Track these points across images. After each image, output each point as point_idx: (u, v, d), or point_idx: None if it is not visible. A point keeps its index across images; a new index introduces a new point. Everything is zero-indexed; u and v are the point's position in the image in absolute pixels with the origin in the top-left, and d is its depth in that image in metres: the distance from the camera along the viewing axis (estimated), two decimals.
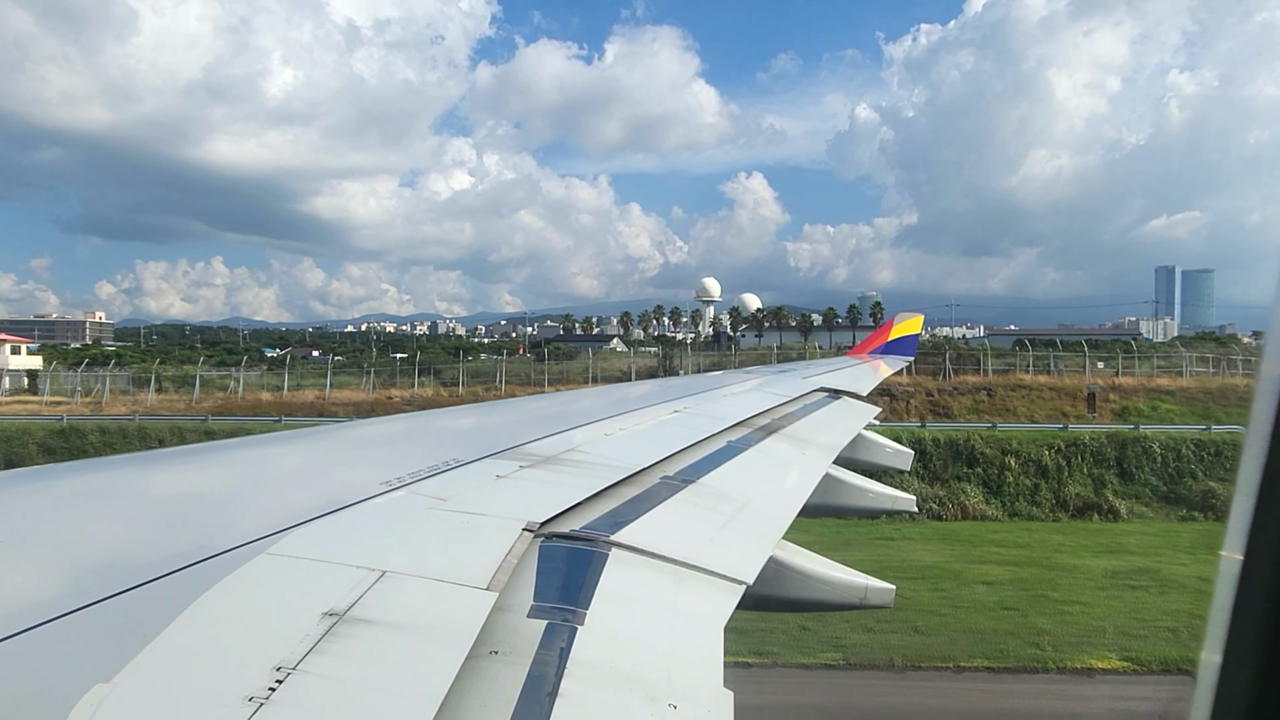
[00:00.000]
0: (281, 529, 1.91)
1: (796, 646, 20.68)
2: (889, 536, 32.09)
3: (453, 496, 2.40)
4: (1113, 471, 36.63)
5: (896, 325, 16.55)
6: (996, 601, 23.76)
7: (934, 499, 36.05)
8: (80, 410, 49.37)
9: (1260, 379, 1.07)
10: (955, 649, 20.48)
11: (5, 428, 42.07)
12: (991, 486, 36.78)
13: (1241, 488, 1.08)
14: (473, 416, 5.25)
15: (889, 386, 48.48)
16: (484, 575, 1.81)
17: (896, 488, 5.49)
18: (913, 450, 24.55)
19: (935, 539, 32.06)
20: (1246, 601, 1.07)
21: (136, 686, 1.21)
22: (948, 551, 29.87)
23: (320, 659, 1.36)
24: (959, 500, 35.89)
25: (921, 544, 31.04)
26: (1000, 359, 55.40)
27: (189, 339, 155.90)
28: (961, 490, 36.28)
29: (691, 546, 2.42)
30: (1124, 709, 18.08)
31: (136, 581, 1.55)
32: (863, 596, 3.36)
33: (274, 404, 49.77)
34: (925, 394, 48.46)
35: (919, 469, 36.78)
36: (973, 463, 37.37)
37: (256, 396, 52.55)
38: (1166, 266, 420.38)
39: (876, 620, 21.79)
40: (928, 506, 35.70)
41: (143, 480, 2.60)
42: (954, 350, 56.39)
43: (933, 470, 37.15)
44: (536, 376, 54.76)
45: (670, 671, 1.71)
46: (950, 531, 33.47)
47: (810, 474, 4.14)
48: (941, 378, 50.84)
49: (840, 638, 21.18)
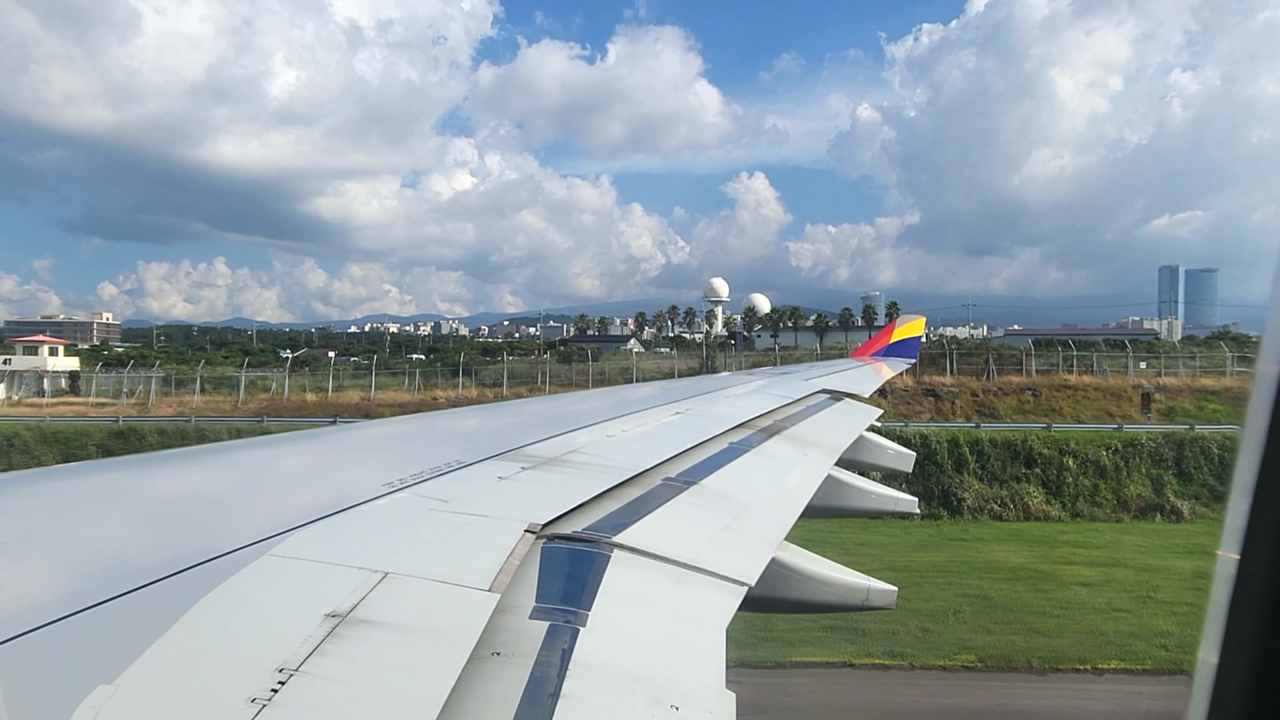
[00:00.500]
0: (284, 530, 1.92)
1: (927, 648, 20.87)
2: (960, 538, 32.45)
3: (455, 498, 2.41)
4: (1171, 472, 36.77)
5: (898, 327, 16.59)
6: (1104, 603, 23.92)
7: (995, 500, 36.36)
8: (127, 412, 49.71)
9: (1256, 378, 1.07)
10: (1085, 651, 20.58)
11: (63, 430, 42.38)
12: (1051, 487, 36.99)
13: (1238, 487, 1.08)
14: (475, 418, 5.25)
15: (934, 387, 49.04)
16: (486, 577, 1.81)
17: (898, 489, 5.49)
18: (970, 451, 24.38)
19: (1008, 539, 32.25)
20: (1243, 600, 1.07)
21: (139, 688, 1.22)
22: (1028, 552, 30.00)
23: (322, 660, 1.36)
24: (1021, 501, 36.15)
25: (996, 545, 31.25)
26: (1037, 359, 55.31)
27: (196, 340, 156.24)
28: (1023, 491, 36.49)
29: (693, 548, 2.42)
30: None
31: (139, 583, 1.55)
32: (865, 598, 3.36)
33: (319, 405, 49.93)
34: (970, 394, 48.65)
35: (978, 470, 37.35)
36: (1031, 463, 37.56)
37: (301, 398, 52.77)
38: (1170, 266, 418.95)
39: (994, 622, 22.31)
40: (989, 507, 36.08)
41: (146, 482, 2.60)
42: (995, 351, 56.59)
43: (990, 470, 37.41)
44: (578, 378, 54.67)
45: (672, 673, 1.71)
46: (1019, 532, 33.68)
47: (812, 475, 4.13)
48: (986, 378, 50.93)
49: (965, 639, 21.40)
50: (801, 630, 21.43)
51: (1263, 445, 1.04)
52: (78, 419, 46.56)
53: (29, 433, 41.91)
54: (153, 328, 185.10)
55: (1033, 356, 54.44)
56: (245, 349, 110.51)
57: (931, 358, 53.82)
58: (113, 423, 44.09)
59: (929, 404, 47.74)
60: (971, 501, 36.44)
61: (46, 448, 39.99)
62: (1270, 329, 1.06)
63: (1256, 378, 1.07)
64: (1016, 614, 22.89)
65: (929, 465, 37.42)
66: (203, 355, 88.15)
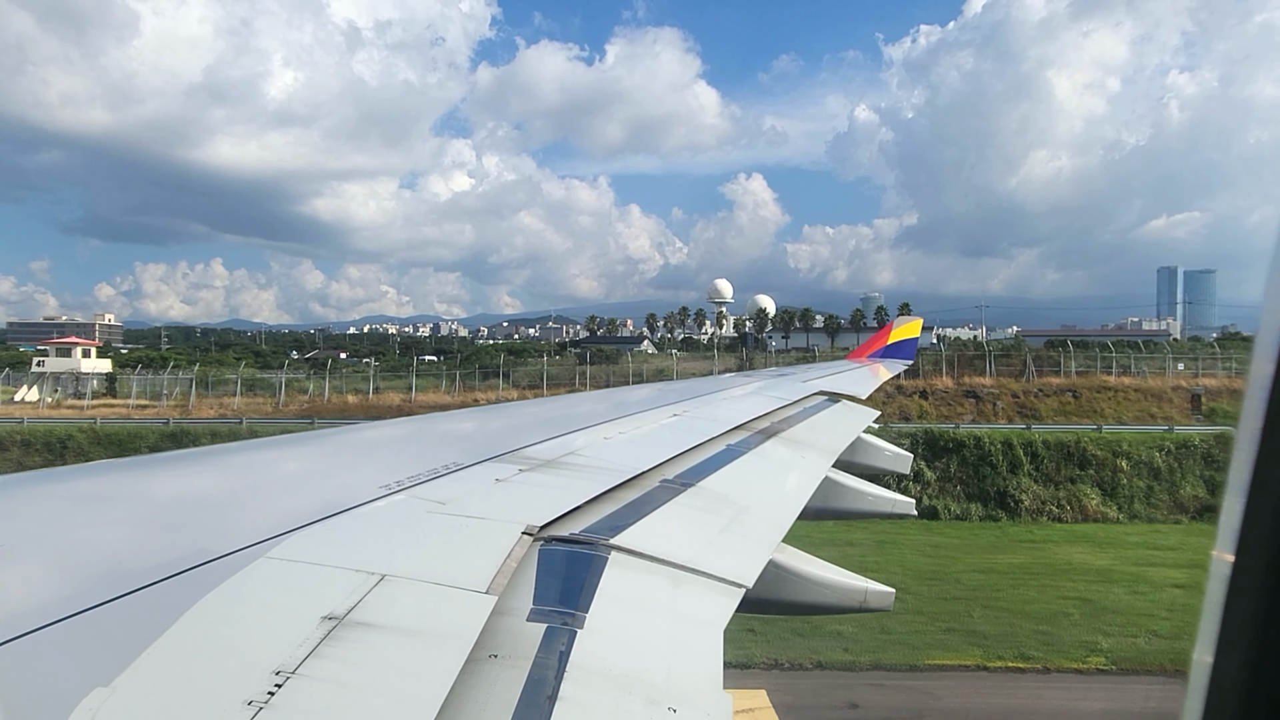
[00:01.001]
0: (281, 533, 1.91)
1: (1052, 650, 20.91)
2: (1028, 539, 32.61)
3: (452, 500, 2.40)
4: (1224, 473, 36.94)
5: (895, 329, 16.62)
6: None
7: (1053, 501, 36.51)
8: (169, 414, 49.87)
9: (1250, 380, 1.07)
10: None
11: (116, 432, 42.51)
12: (1106, 488, 37.16)
13: (1232, 488, 1.08)
14: (473, 420, 5.25)
15: (975, 389, 49.25)
16: (483, 579, 1.81)
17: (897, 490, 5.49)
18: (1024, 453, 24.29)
19: (1077, 541, 32.31)
20: (1238, 601, 1.08)
21: (136, 690, 1.22)
22: (1103, 554, 30.07)
23: (319, 663, 1.36)
24: (1078, 502, 36.30)
25: (1068, 547, 31.32)
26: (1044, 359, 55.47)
27: (200, 341, 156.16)
28: (1079, 492, 36.65)
29: (691, 550, 2.42)
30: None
31: (136, 585, 1.55)
32: (862, 600, 3.36)
33: (361, 407, 49.91)
34: (1011, 395, 48.73)
35: (1032, 470, 37.51)
36: (1084, 464, 37.72)
37: (343, 400, 52.88)
38: (1169, 267, 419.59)
39: (1108, 625, 22.33)
40: (1047, 509, 36.21)
41: (143, 484, 2.60)
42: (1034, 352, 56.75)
43: (1044, 472, 37.56)
44: (616, 380, 54.59)
45: (670, 674, 1.71)
46: (1085, 534, 33.76)
47: (810, 477, 4.13)
48: (1025, 379, 50.96)
49: (1092, 641, 21.46)
50: (920, 633, 21.65)
51: (1257, 445, 1.04)
52: (122, 420, 46.79)
53: (82, 435, 42.06)
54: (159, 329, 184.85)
55: (1072, 357, 54.51)
56: (255, 350, 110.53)
57: (969, 359, 54.11)
58: (163, 425, 44.42)
59: (970, 405, 47.90)
60: (1029, 503, 36.61)
61: (101, 450, 40.07)
62: (1264, 330, 1.06)
63: (1250, 378, 1.07)
64: (1126, 616, 22.96)
65: (983, 467, 37.78)
66: (208, 357, 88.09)
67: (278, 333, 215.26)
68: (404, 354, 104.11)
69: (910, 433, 39.61)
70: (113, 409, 52.68)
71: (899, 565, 28.27)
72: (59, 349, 68.09)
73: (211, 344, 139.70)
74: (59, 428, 43.63)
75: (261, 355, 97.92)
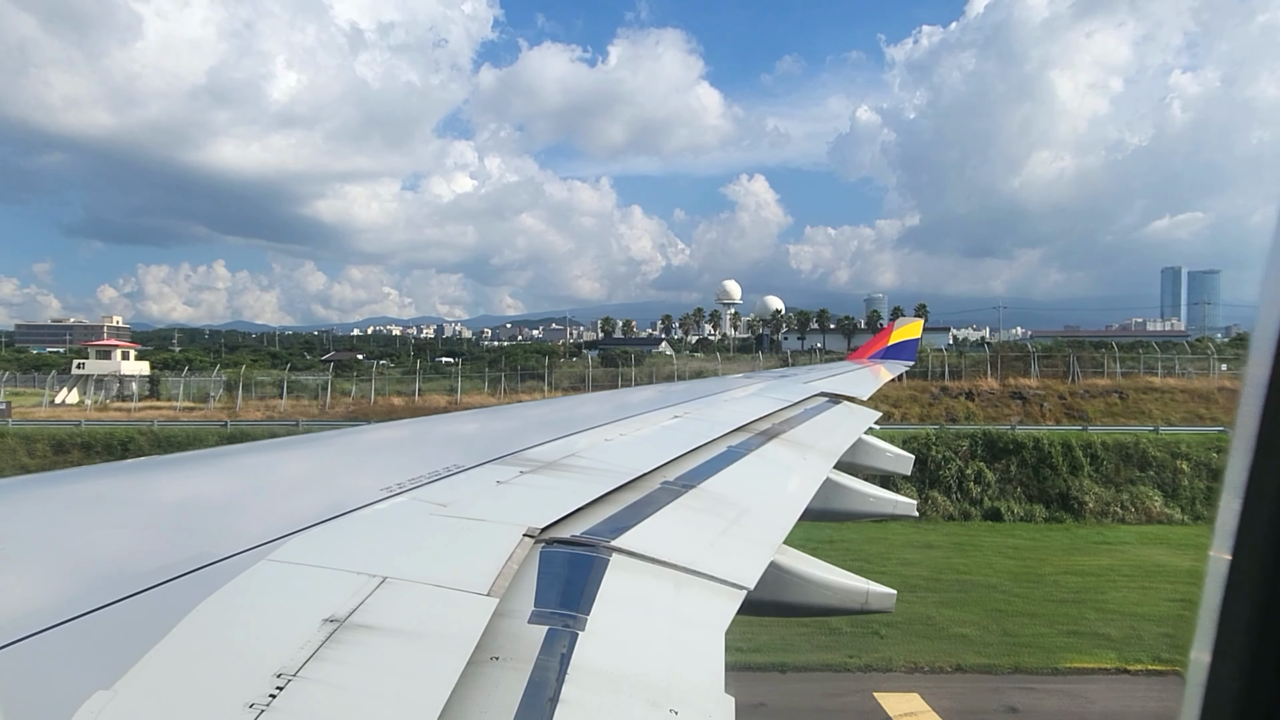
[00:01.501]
0: (283, 535, 1.92)
1: (1185, 653, 20.84)
2: (1102, 541, 32.60)
3: (453, 502, 2.41)
4: None
5: (896, 330, 16.63)
6: None
7: (1116, 503, 36.48)
8: (216, 416, 50.15)
9: (1245, 381, 1.07)
10: None
11: (175, 434, 42.74)
12: (1168, 490, 37.15)
13: (1229, 488, 1.09)
14: (474, 422, 5.25)
15: (1020, 390, 49.22)
16: (485, 581, 1.81)
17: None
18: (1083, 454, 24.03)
19: (1152, 543, 32.30)
20: (1235, 601, 1.08)
21: (137, 693, 1.22)
22: (1185, 556, 29.92)
23: (321, 665, 1.36)
24: (1142, 504, 36.30)
25: (1145, 548, 31.35)
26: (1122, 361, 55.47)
27: (208, 343, 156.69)
28: (1142, 494, 36.66)
29: (692, 552, 2.42)
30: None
31: (137, 588, 1.55)
32: (864, 601, 3.35)
33: (407, 409, 49.93)
34: (1057, 397, 48.64)
35: (1092, 472, 37.55)
36: (1144, 466, 37.71)
37: (389, 401, 53.16)
38: (1173, 268, 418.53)
39: None
40: (1112, 510, 36.23)
41: (144, 486, 2.60)
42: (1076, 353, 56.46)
43: (1104, 474, 37.60)
44: (660, 381, 54.42)
45: (671, 677, 1.71)
46: (1157, 535, 33.74)
47: (811, 479, 4.13)
48: (1071, 380, 50.94)
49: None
50: (1043, 635, 21.60)
51: (1253, 446, 1.04)
52: (180, 423, 47.13)
53: (142, 437, 42.25)
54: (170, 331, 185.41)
55: (1117, 359, 54.55)
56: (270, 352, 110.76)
57: (1010, 360, 54.05)
58: (220, 427, 44.80)
59: (1017, 407, 47.89)
60: (1093, 505, 36.59)
61: (162, 453, 40.12)
62: (1259, 331, 1.07)
63: (1246, 379, 1.07)
64: None
65: (1043, 469, 37.81)
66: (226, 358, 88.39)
67: (281, 334, 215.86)
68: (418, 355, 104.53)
69: (969, 434, 39.85)
70: (159, 411, 52.96)
71: (988, 568, 28.43)
72: (98, 351, 67.87)
73: (221, 345, 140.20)
74: (118, 430, 43.91)
75: (278, 357, 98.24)
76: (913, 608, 23.50)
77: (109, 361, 65.43)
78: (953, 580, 26.79)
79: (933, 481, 37.54)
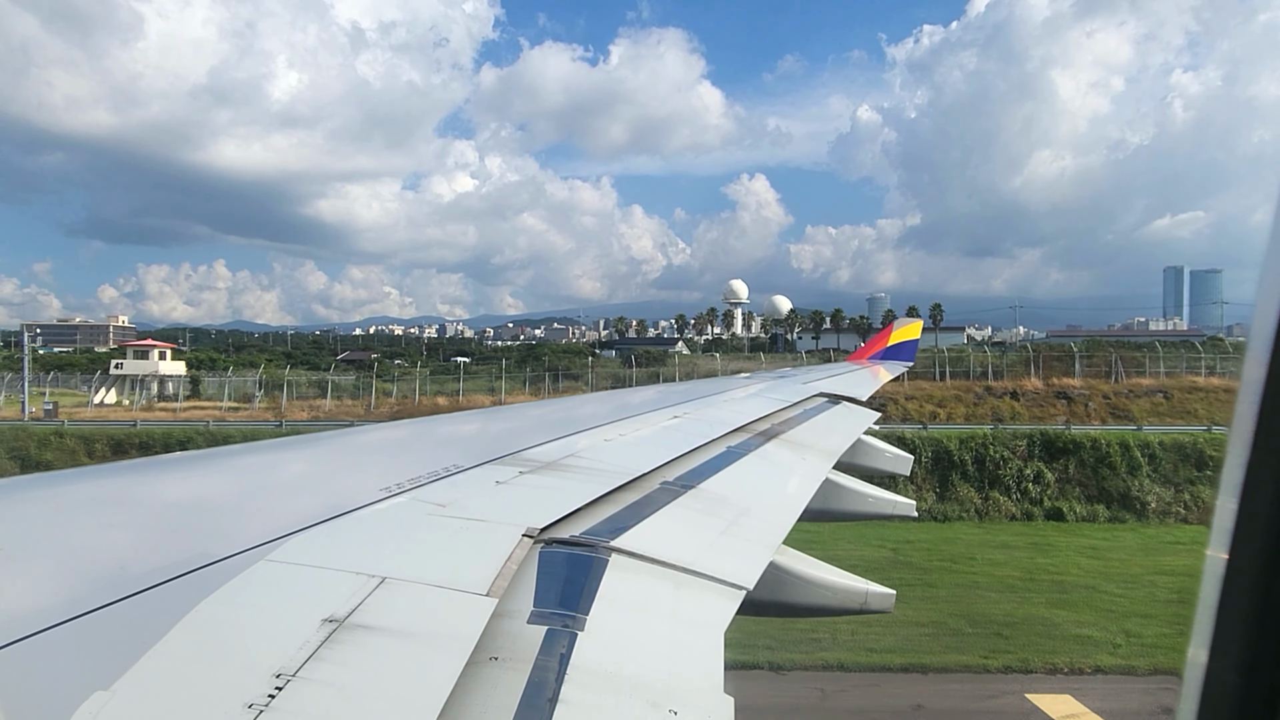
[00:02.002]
0: (282, 535, 1.91)
1: None
2: (1175, 540, 32.44)
3: (453, 502, 2.41)
4: None
5: (896, 331, 16.63)
6: None
7: (1178, 503, 36.44)
8: (262, 416, 50.48)
9: (1242, 381, 1.07)
10: None
11: (232, 434, 42.92)
12: None
13: (1226, 488, 1.09)
14: (473, 422, 5.25)
15: (1065, 390, 49.13)
16: (484, 581, 1.81)
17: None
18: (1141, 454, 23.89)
19: None
20: (1232, 600, 1.08)
21: (136, 694, 1.22)
22: None
23: (320, 666, 1.36)
24: (1203, 504, 36.17)
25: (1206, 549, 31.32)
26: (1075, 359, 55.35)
27: (217, 342, 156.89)
28: (1204, 494, 36.58)
29: (692, 552, 2.42)
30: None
31: (136, 588, 1.55)
32: (863, 601, 3.35)
33: (451, 407, 50.10)
34: (1102, 397, 48.55)
35: (1150, 472, 37.58)
36: (1201, 465, 37.66)
37: (433, 401, 53.60)
38: (1175, 267, 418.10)
39: None
40: (1174, 510, 36.22)
41: (143, 486, 2.60)
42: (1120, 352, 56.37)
43: (1163, 473, 37.59)
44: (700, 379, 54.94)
45: (671, 677, 1.71)
46: None
47: (810, 479, 4.13)
48: (1114, 380, 50.84)
49: None
50: (1167, 636, 21.33)
51: (1250, 446, 1.05)
52: (239, 423, 47.40)
53: (200, 438, 42.45)
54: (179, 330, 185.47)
55: (1160, 358, 54.29)
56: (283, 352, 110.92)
57: (1051, 360, 53.71)
58: (275, 427, 45.27)
59: (1062, 407, 47.78)
60: (1155, 505, 36.57)
61: None
62: (1255, 331, 1.07)
63: (1243, 379, 1.08)
64: None
65: (1102, 469, 37.79)
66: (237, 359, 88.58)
67: (283, 334, 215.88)
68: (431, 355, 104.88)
69: (1025, 434, 39.77)
70: (205, 411, 53.20)
71: (1076, 568, 28.23)
72: (136, 351, 68.32)
73: (229, 345, 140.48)
74: (175, 430, 44.15)
75: (292, 357, 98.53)
76: (1021, 608, 23.42)
77: (147, 361, 65.78)
78: (1047, 581, 26.52)
79: (992, 482, 37.58)
